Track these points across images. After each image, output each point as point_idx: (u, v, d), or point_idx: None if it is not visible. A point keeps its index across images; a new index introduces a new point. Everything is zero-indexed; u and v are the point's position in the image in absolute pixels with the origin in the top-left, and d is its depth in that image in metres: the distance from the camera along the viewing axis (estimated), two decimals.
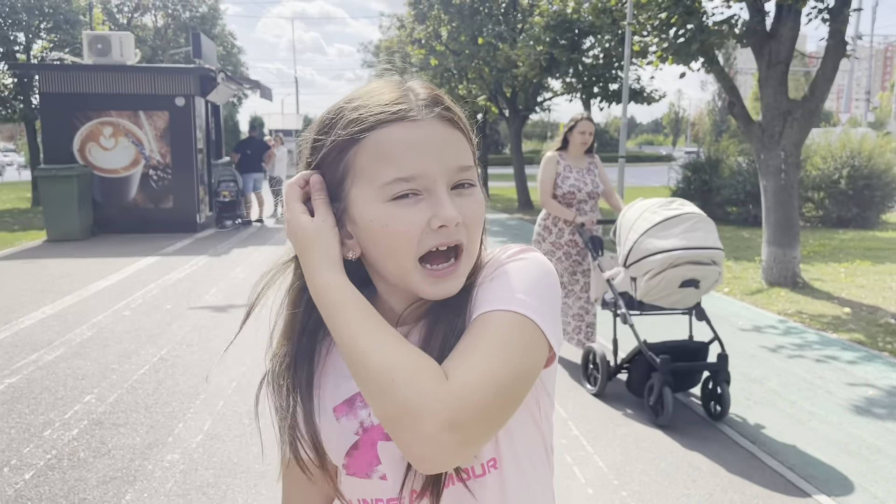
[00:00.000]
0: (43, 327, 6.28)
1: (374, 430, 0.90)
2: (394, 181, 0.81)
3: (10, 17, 16.92)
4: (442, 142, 0.83)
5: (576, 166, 5.37)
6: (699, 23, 8.27)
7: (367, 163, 0.83)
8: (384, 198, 0.82)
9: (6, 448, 3.85)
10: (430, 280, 0.84)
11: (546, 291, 0.86)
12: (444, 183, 0.83)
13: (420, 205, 0.82)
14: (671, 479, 3.60)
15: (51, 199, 11.76)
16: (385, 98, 0.84)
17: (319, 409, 0.93)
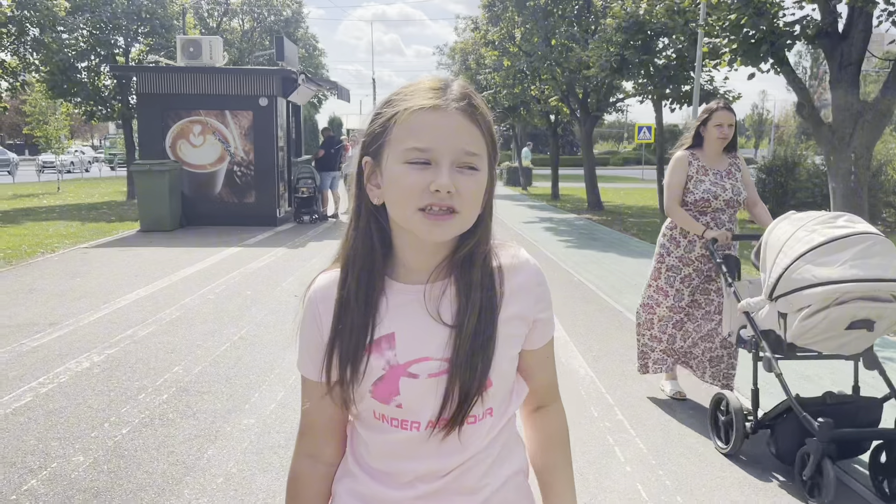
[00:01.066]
0: (137, 307, 6.89)
1: (399, 367, 1.13)
2: (411, 149, 1.06)
3: (111, 21, 18.10)
4: (456, 129, 1.07)
5: (712, 167, 4.45)
6: (769, 24, 8.27)
7: (400, 133, 1.08)
8: (402, 160, 1.07)
9: (106, 407, 4.36)
10: (426, 223, 1.07)
11: None
12: (449, 160, 1.06)
13: (426, 171, 1.06)
14: (708, 463, 3.79)
15: (144, 192, 12.62)
16: (426, 91, 1.09)
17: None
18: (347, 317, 1.14)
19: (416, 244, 1.14)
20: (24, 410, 4.29)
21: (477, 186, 1.09)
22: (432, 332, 1.13)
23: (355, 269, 1.15)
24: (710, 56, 10.38)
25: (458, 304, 1.13)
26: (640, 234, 13.59)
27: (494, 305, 1.15)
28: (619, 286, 8.40)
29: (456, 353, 1.12)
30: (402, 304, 1.16)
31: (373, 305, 1.15)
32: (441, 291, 1.15)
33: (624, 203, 21.59)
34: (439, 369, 1.13)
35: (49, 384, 4.74)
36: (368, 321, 1.14)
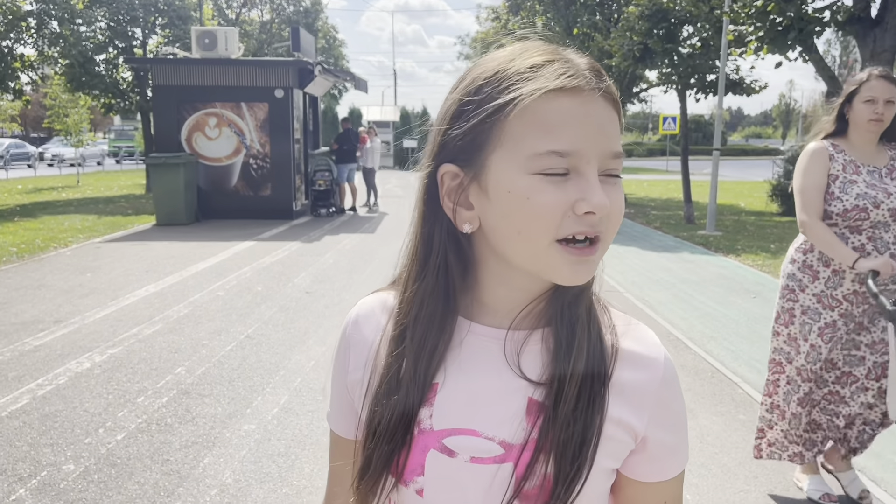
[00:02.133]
0: (145, 304, 6.76)
1: (431, 435, 0.81)
2: (547, 153, 0.73)
3: (129, 13, 18.07)
4: (603, 121, 0.75)
5: (866, 163, 3.05)
6: (797, 10, 7.94)
7: (521, 130, 0.74)
8: (530, 169, 0.74)
9: (103, 411, 4.22)
10: (569, 260, 0.75)
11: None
12: (596, 166, 0.75)
13: (568, 184, 0.74)
14: (731, 475, 3.56)
15: (160, 186, 12.55)
16: (546, 64, 0.76)
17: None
18: (407, 352, 0.84)
19: (504, 278, 0.82)
20: (19, 414, 4.16)
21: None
22: (494, 397, 0.81)
23: (419, 324, 0.83)
24: (736, 44, 10.06)
25: (556, 354, 0.81)
26: (663, 227, 13.29)
27: (605, 369, 0.81)
28: (640, 282, 8.14)
29: (544, 434, 0.78)
30: (470, 350, 0.83)
31: (431, 346, 0.83)
32: (523, 341, 0.83)
33: (648, 195, 21.24)
34: (489, 454, 0.79)
35: (47, 386, 4.61)
36: (424, 363, 0.83)
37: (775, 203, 16.26)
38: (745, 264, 9.45)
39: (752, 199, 19.55)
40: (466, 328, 0.84)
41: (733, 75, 14.04)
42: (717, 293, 7.61)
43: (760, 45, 8.47)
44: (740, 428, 4.12)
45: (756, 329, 6.17)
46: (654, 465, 0.84)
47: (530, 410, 0.79)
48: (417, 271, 0.84)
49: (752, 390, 4.70)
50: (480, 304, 0.84)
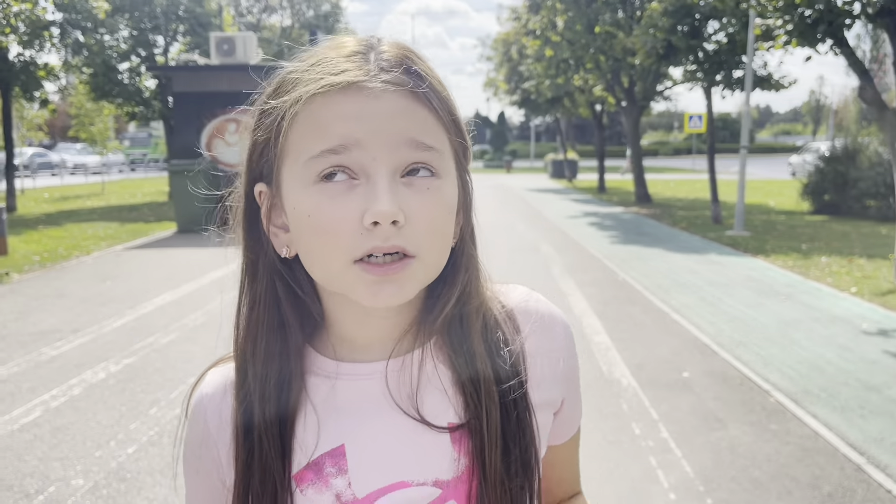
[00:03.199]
0: (161, 313, 6.71)
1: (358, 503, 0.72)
2: (320, 154, 0.65)
3: (151, 21, 18.21)
4: (392, 111, 0.65)
5: None
6: (827, 2, 7.69)
7: (298, 136, 0.67)
8: (310, 178, 0.65)
9: (115, 423, 4.14)
10: (367, 280, 0.65)
11: None
12: (388, 165, 0.65)
13: (355, 191, 0.65)
14: (764, 489, 3.37)
15: (180, 193, 12.58)
16: (336, 62, 0.68)
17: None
18: (255, 434, 0.72)
19: (356, 312, 0.72)
20: (31, 427, 4.10)
21: (440, 207, 0.67)
22: (407, 441, 0.72)
23: (259, 356, 0.73)
24: (763, 38, 9.80)
25: (460, 389, 0.72)
26: (690, 227, 13.02)
27: (521, 383, 0.75)
28: (665, 285, 7.93)
29: (481, 466, 0.71)
30: (351, 397, 0.73)
31: (292, 405, 0.72)
32: (410, 371, 0.73)
33: (674, 195, 20.92)
34: (427, 499, 0.71)
35: (61, 397, 4.55)
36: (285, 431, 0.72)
37: (806, 202, 15.89)
38: (775, 265, 9.18)
39: (782, 197, 19.14)
40: (341, 370, 0.74)
41: (761, 71, 13.75)
42: (746, 296, 7.38)
43: (789, 38, 8.23)
44: (772, 439, 3.93)
45: (788, 333, 5.95)
46: (564, 426, 0.84)
47: (454, 437, 0.72)
48: (246, 309, 0.75)
49: (785, 399, 4.50)
50: (343, 342, 0.75)
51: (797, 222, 13.85)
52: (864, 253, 9.84)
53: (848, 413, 4.27)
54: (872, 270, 8.57)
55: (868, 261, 9.24)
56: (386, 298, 0.66)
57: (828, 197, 15.26)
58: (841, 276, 8.31)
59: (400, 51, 0.69)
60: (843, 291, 7.55)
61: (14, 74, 15.13)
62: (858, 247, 10.45)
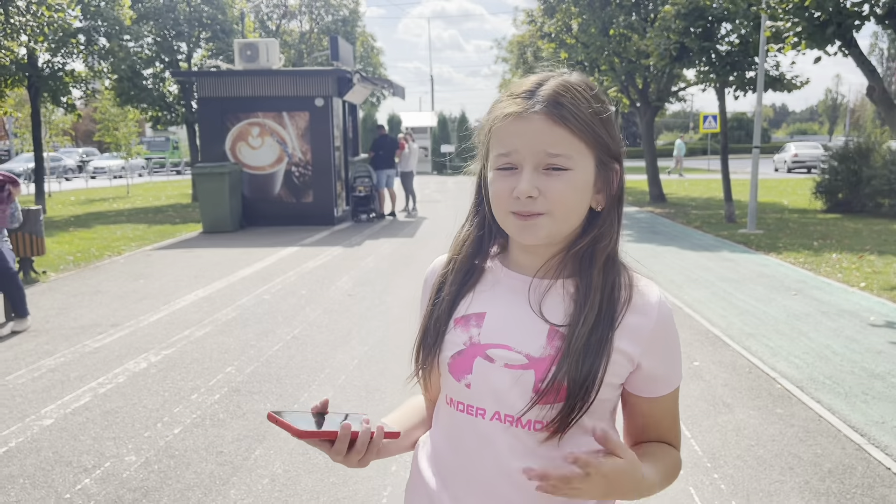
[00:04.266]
0: (195, 308, 7.03)
1: (478, 347, 1.13)
2: (498, 156, 1.10)
3: (174, 28, 18.62)
4: (538, 133, 1.06)
5: None
6: (836, 4, 7.88)
7: (493, 143, 1.12)
8: (494, 167, 1.11)
9: (160, 407, 4.45)
10: (516, 224, 1.09)
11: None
12: (532, 163, 1.07)
13: (513, 177, 1.08)
14: (767, 466, 3.61)
15: (205, 194, 12.93)
16: (514, 98, 1.10)
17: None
18: (444, 291, 1.20)
19: (519, 244, 1.16)
20: (82, 410, 4.41)
21: (566, 185, 1.07)
22: (524, 325, 1.11)
23: (461, 252, 1.21)
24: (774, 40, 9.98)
25: (575, 302, 1.10)
26: (703, 226, 13.20)
27: (614, 316, 1.10)
28: (678, 280, 8.16)
29: (566, 351, 1.07)
30: (505, 289, 1.16)
31: (471, 283, 1.19)
32: (547, 288, 1.13)
33: (688, 195, 21.05)
34: (517, 363, 1.10)
35: (108, 384, 4.87)
36: (460, 295, 1.18)
37: (819, 200, 16.00)
38: (786, 262, 9.37)
39: (795, 196, 19.23)
40: (502, 273, 1.18)
41: (773, 71, 13.89)
42: (757, 291, 7.59)
43: (799, 40, 8.42)
44: (777, 421, 4.16)
45: (796, 326, 6.16)
46: (648, 384, 1.16)
47: (550, 336, 1.10)
48: (466, 226, 1.23)
49: (791, 385, 4.72)
50: (514, 260, 1.19)
51: (810, 220, 13.98)
52: (876, 250, 9.99)
53: (851, 398, 4.49)
54: (883, 266, 8.74)
55: (879, 257, 9.40)
56: (526, 237, 1.10)
57: (841, 195, 15.36)
58: (851, 272, 8.48)
59: (556, 88, 1.09)
60: (852, 287, 7.73)
61: (43, 80, 15.57)
62: (870, 244, 10.60)
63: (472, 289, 1.19)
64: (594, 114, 1.09)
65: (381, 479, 3.49)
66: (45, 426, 4.17)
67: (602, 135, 1.09)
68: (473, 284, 1.19)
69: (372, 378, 4.94)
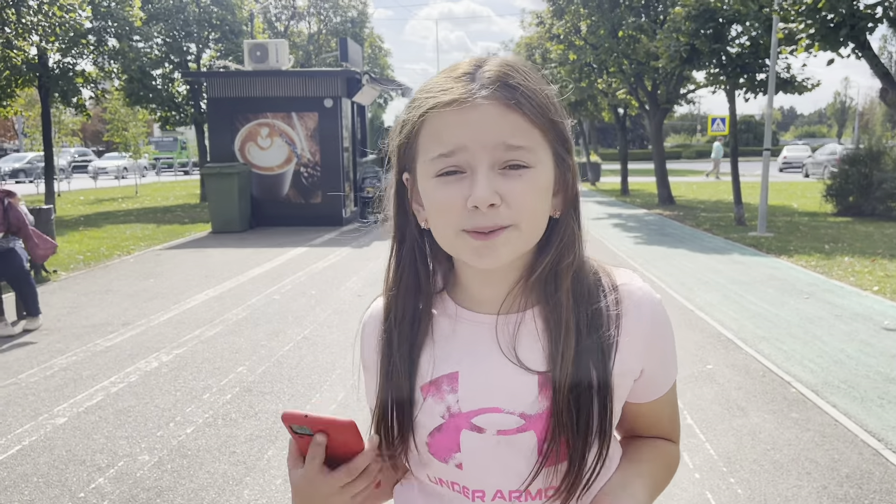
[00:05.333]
0: (205, 307, 7.03)
1: (460, 417, 0.92)
2: (437, 157, 0.86)
3: (184, 29, 18.67)
4: (490, 120, 0.84)
5: None
6: (849, 6, 7.84)
7: (424, 141, 0.88)
8: (431, 173, 0.87)
9: (172, 407, 4.44)
10: (472, 245, 0.86)
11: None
12: (487, 161, 0.83)
13: (462, 182, 0.84)
14: (784, 471, 3.58)
15: (214, 195, 12.95)
16: (449, 82, 0.87)
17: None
18: (393, 352, 0.96)
19: (474, 272, 0.94)
20: (95, 409, 4.41)
21: (530, 186, 0.85)
22: (507, 377, 0.91)
23: (397, 297, 0.97)
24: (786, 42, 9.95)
25: (548, 338, 0.90)
26: (713, 229, 13.15)
27: (602, 335, 0.91)
28: (689, 283, 8.12)
29: (555, 407, 0.88)
30: (469, 337, 0.95)
31: (423, 335, 0.96)
32: (516, 326, 0.93)
33: (697, 197, 20.98)
34: (512, 426, 0.90)
35: (120, 383, 4.87)
36: (415, 353, 0.95)
37: (830, 204, 15.92)
38: (797, 265, 9.32)
39: (805, 199, 19.15)
40: (458, 314, 0.96)
41: (784, 74, 13.83)
42: (769, 294, 7.55)
43: (811, 42, 8.40)
44: (793, 426, 4.13)
45: (809, 329, 6.12)
46: (649, 388, 1.00)
47: (542, 384, 0.90)
48: (394, 263, 0.98)
49: (806, 389, 4.69)
50: (469, 295, 0.96)
51: (820, 223, 13.91)
52: (888, 253, 9.93)
53: (867, 403, 4.45)
54: (895, 270, 8.68)
55: (891, 261, 9.33)
56: (487, 260, 0.86)
57: (852, 198, 15.28)
58: (863, 275, 8.43)
59: (501, 68, 0.88)
60: (865, 290, 7.68)
61: (53, 80, 15.61)
62: (882, 247, 10.54)
63: (429, 342, 0.96)
64: (547, 97, 0.89)
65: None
66: (58, 425, 4.17)
67: (558, 122, 0.89)
68: (427, 336, 0.96)
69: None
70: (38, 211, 8.31)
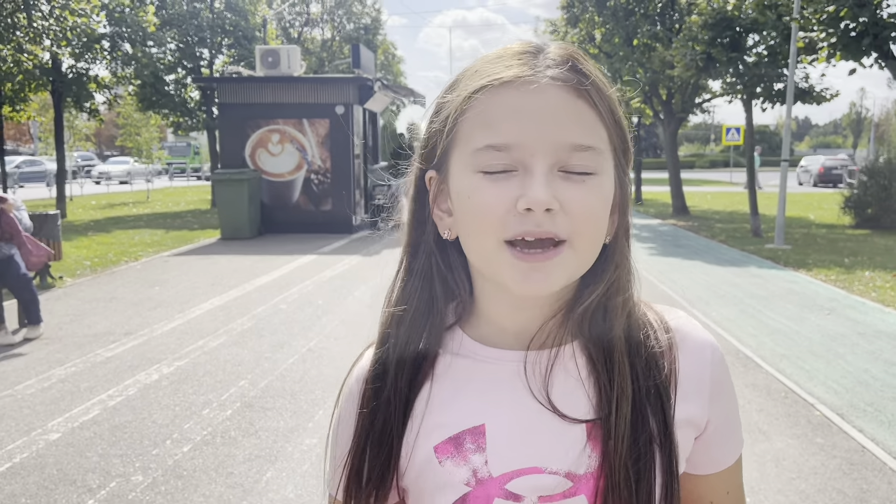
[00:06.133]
0: (210, 317, 6.90)
1: (492, 482, 0.74)
2: (484, 147, 0.69)
3: (197, 35, 18.67)
4: (555, 110, 0.69)
5: None
6: (872, 15, 7.64)
7: (468, 127, 0.71)
8: (474, 167, 0.70)
9: (170, 423, 4.29)
10: (517, 266, 0.69)
11: None
12: (546, 160, 0.69)
13: (512, 181, 0.69)
14: (811, 502, 3.38)
15: (224, 201, 12.86)
16: (505, 59, 0.72)
17: (413, 445, 0.77)
18: (384, 396, 0.78)
19: (506, 300, 0.76)
20: (90, 425, 4.27)
21: (595, 198, 0.70)
22: (544, 429, 0.74)
23: (405, 327, 0.79)
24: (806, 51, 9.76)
25: (596, 380, 0.74)
26: (728, 240, 12.92)
27: (660, 387, 0.75)
28: (706, 297, 7.91)
29: (608, 465, 0.72)
30: (492, 380, 0.76)
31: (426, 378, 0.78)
32: (549, 364, 0.75)
33: (711, 207, 20.74)
34: (558, 489, 0.73)
35: (118, 397, 4.73)
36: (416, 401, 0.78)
37: (848, 216, 15.65)
38: (817, 279, 9.09)
39: (821, 210, 18.87)
40: (486, 355, 0.78)
41: (802, 83, 13.61)
42: (788, 309, 7.33)
43: (833, 51, 8.20)
44: (818, 452, 3.93)
45: (832, 347, 5.90)
46: (711, 452, 0.81)
47: (591, 434, 0.73)
48: (402, 282, 0.81)
49: (830, 412, 4.48)
50: (491, 327, 0.78)
51: (838, 236, 13.65)
52: None
53: (895, 428, 4.24)
54: None
55: None
56: (534, 286, 0.69)
57: (870, 210, 15.02)
58: (885, 290, 8.19)
59: (566, 51, 0.73)
60: (888, 306, 7.45)
61: (67, 85, 15.63)
62: None
63: (439, 386, 0.78)
64: (614, 92, 0.75)
65: None
66: (50, 441, 4.03)
67: (623, 125, 0.75)
68: (430, 380, 0.78)
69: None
70: (45, 217, 8.23)
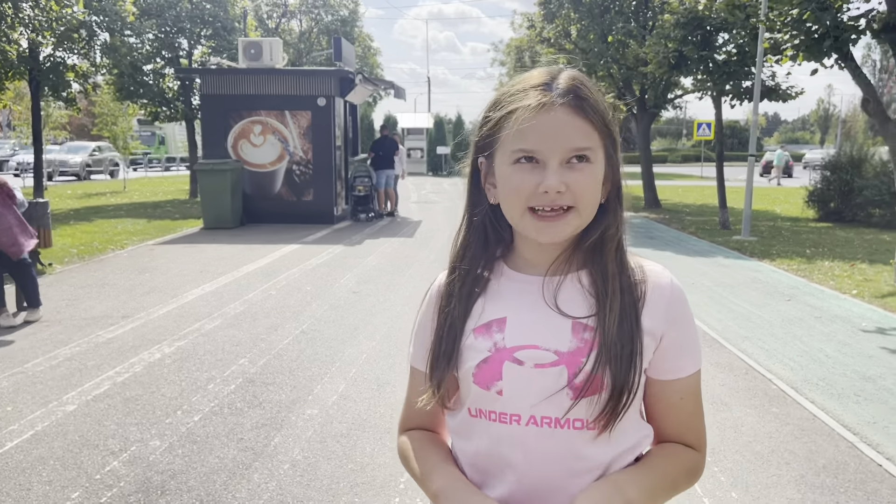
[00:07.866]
0: (203, 302, 7.17)
1: (505, 351, 1.12)
2: (518, 150, 1.09)
3: (176, 25, 18.70)
4: (562, 126, 1.07)
5: None
6: (833, 18, 8.09)
7: (506, 134, 1.10)
8: (510, 160, 1.10)
9: (178, 396, 4.59)
10: (536, 224, 1.09)
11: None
12: (557, 158, 1.06)
13: (535, 171, 1.07)
14: (764, 461, 3.79)
15: (207, 191, 13.04)
16: (531, 90, 1.10)
17: (467, 332, 1.17)
18: (453, 302, 1.18)
19: (531, 244, 1.16)
20: (103, 397, 4.55)
21: (590, 179, 1.09)
22: (546, 322, 1.12)
23: (463, 260, 1.20)
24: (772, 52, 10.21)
25: (594, 293, 1.12)
26: (698, 232, 13.42)
27: (635, 300, 1.13)
28: None
29: (602, 343, 1.09)
30: (518, 292, 1.17)
31: (479, 292, 1.18)
32: (559, 284, 1.14)
33: (682, 201, 21.29)
34: (547, 360, 1.10)
35: (125, 373, 5.00)
36: (473, 304, 1.17)
37: (812, 209, 16.27)
38: (779, 268, 9.58)
39: (787, 204, 19.51)
40: (511, 276, 1.19)
41: (769, 82, 14.12)
42: (752, 296, 7.79)
43: (796, 53, 8.63)
44: (773, 420, 4.34)
45: (791, 330, 6.35)
46: (669, 362, 1.17)
47: (575, 330, 1.11)
48: (464, 231, 1.21)
49: (786, 386, 4.91)
50: (523, 260, 1.19)
51: (802, 228, 14.22)
52: (867, 258, 10.22)
53: (844, 399, 4.68)
54: (874, 274, 8.96)
55: (870, 266, 9.62)
56: (547, 236, 1.10)
57: (833, 204, 15.62)
58: (843, 279, 8.70)
59: (572, 81, 1.11)
60: (844, 293, 7.94)
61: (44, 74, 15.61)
62: (861, 252, 10.84)
63: (483, 296, 1.18)
64: (605, 106, 1.12)
65: (398, 465, 3.65)
66: (68, 411, 4.31)
67: (612, 127, 1.12)
68: (482, 292, 1.18)
69: (382, 372, 5.08)
70: (35, 204, 8.39)
